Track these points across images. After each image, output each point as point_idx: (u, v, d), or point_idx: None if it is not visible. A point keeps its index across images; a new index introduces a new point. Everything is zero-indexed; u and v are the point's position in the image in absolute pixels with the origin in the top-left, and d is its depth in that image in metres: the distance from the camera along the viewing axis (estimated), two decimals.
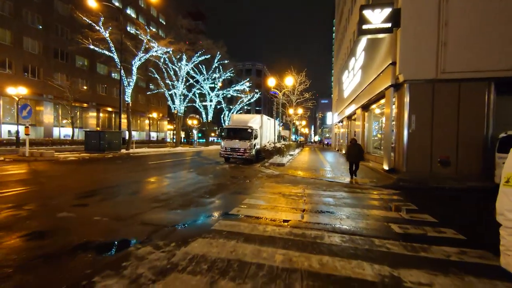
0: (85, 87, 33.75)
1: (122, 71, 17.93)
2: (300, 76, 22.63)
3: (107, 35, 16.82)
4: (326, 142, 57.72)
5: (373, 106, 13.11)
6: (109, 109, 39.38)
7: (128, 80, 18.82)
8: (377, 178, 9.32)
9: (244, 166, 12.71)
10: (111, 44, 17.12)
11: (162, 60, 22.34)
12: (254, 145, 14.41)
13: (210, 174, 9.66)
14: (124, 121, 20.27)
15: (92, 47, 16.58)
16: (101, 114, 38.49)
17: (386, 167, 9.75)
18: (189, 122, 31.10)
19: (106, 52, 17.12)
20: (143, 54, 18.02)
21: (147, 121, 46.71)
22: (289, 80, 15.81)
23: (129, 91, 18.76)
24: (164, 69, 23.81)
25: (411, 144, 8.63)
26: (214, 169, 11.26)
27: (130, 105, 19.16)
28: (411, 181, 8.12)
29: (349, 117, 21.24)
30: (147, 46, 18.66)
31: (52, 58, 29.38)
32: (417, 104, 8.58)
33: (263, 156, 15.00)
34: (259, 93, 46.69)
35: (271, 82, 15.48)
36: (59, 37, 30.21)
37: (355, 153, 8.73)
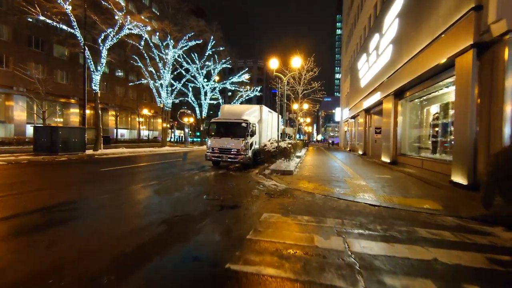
0: (65, 80, 30.26)
1: (88, 52, 14.37)
2: (307, 62, 18.95)
3: (67, 6, 13.21)
4: (331, 141, 54.15)
5: (420, 87, 9.37)
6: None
7: (96, 64, 15.24)
8: (443, 196, 5.66)
9: (236, 174, 9.11)
10: (72, 18, 13.53)
11: (143, 43, 18.69)
12: (251, 144, 10.81)
13: (176, 192, 6.05)
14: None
15: (42, 18, 12.99)
16: (87, 111, 35.09)
17: (458, 179, 6.10)
18: (180, 118, 27.45)
19: (65, 27, 13.53)
20: (110, 30, 14.36)
21: (140, 119, 43.22)
22: (296, 61, 12.09)
23: (97, 77, 15.19)
24: (146, 55, 20.17)
25: None
26: (190, 181, 7.65)
27: (99, 95, 15.63)
28: None
29: (368, 110, 17.54)
30: (121, 23, 15.03)
31: (25, 45, 25.91)
32: None
33: (263, 159, 11.37)
34: (259, 88, 43.17)
35: (273, 63, 11.77)
36: (33, 23, 26.66)
37: None
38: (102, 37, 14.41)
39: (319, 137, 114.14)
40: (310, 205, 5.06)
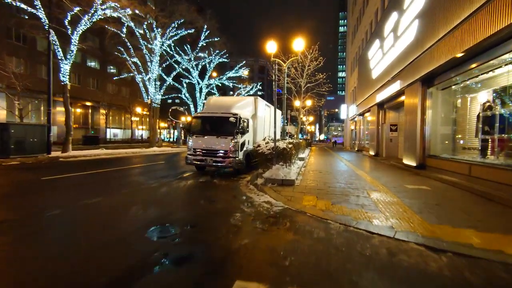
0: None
1: (55, 37, 12.28)
2: (311, 50, 16.73)
3: None
4: (334, 140, 52.11)
5: (461, 69, 7.08)
6: (87, 103, 34.09)
7: (66, 51, 13.13)
8: None
9: (220, 184, 6.94)
10: None
11: (125, 30, 16.54)
12: (243, 144, 8.66)
13: (111, 221, 3.87)
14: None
15: None
16: (77, 109, 33.19)
17: None
18: (172, 116, 25.31)
19: (24, 6, 11.43)
20: (78, 8, 12.18)
21: (134, 118, 41.21)
22: (299, 43, 9.69)
23: (66, 67, 13.07)
24: (130, 45, 18.02)
25: None
26: (150, 197, 5.49)
27: (69, 87, 13.50)
28: None
29: (381, 105, 15.26)
30: (95, 4, 12.87)
31: (4, 38, 23.95)
32: None
33: (258, 162, 9.17)
34: (260, 86, 41.06)
35: (271, 47, 9.45)
36: (13, 15, 24.69)
37: None
38: (69, 18, 12.26)
39: (322, 137, 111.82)
40: (324, 252, 2.85)
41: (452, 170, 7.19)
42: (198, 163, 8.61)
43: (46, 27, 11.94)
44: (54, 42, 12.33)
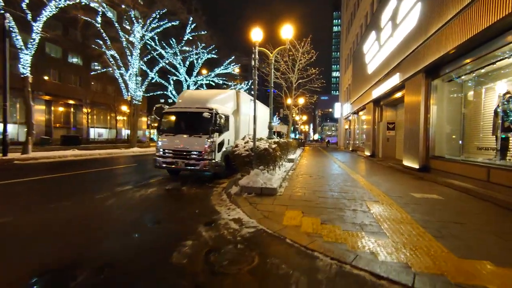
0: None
1: (13, 22, 10.82)
2: (303, 44, 15.57)
3: None
4: (327, 140, 52.02)
5: (476, 54, 5.96)
6: (70, 101, 32.20)
7: (26, 40, 11.67)
8: None
9: (189, 192, 5.70)
10: None
11: (100, 18, 15.02)
12: (221, 144, 7.43)
13: None
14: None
15: None
16: (60, 108, 31.30)
17: None
18: (156, 114, 23.73)
19: None
20: None
21: (120, 117, 39.41)
22: (287, 31, 8.34)
23: (26, 57, 11.60)
24: (107, 36, 16.50)
25: None
26: (86, 216, 4.22)
27: (31, 80, 12.03)
28: None
29: (377, 102, 14.21)
30: None
31: None
32: None
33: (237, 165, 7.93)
34: (251, 82, 39.70)
35: (256, 35, 8.14)
36: None
37: None
38: (27, 1, 10.78)
39: (316, 137, 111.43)
40: None
41: (464, 174, 6.09)
42: (168, 166, 7.32)
43: (2, 11, 10.44)
44: (11, 28, 10.85)
